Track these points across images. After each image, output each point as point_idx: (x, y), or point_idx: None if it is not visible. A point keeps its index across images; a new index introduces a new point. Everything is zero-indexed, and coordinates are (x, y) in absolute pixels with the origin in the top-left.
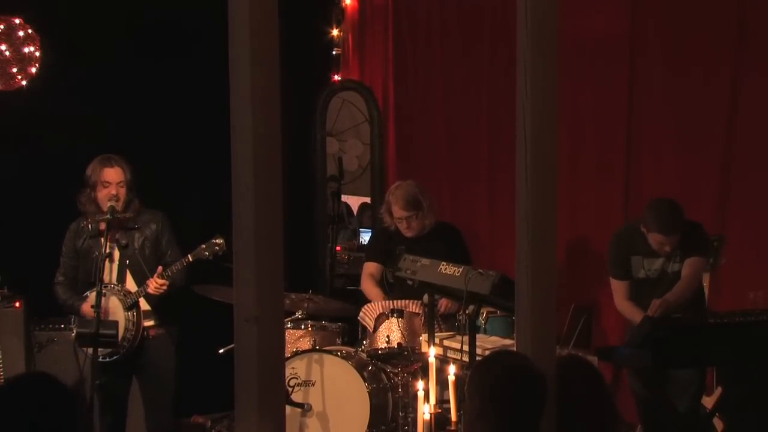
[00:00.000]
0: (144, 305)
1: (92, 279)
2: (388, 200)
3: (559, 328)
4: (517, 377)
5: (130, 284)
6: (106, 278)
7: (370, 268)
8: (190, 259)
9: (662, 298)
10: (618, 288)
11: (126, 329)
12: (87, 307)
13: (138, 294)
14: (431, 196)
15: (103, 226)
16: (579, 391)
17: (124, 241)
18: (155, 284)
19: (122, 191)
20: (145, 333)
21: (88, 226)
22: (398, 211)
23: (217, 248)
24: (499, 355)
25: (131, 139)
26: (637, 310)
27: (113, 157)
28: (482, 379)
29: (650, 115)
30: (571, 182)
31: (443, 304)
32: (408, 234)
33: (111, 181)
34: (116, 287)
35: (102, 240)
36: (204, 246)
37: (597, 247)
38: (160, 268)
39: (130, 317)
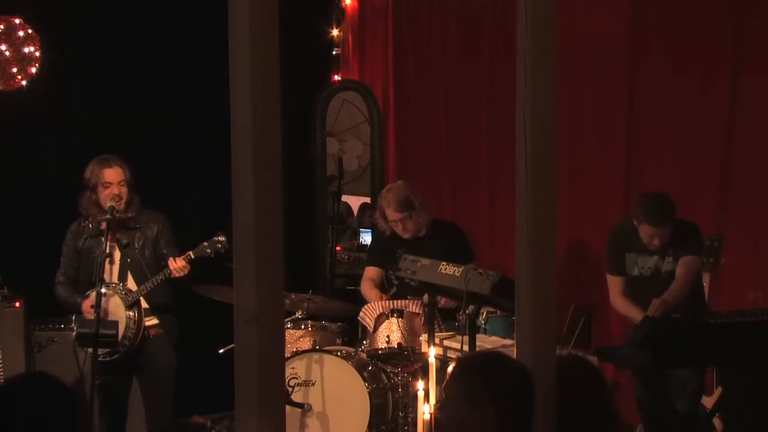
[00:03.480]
0: (144, 304)
1: (93, 278)
2: (381, 204)
3: (559, 328)
4: (527, 380)
5: (131, 283)
6: (107, 277)
7: (370, 272)
8: (192, 256)
9: (661, 298)
10: (613, 283)
11: (127, 327)
12: (87, 305)
13: (139, 293)
14: (423, 194)
15: (103, 225)
16: (579, 391)
17: (125, 241)
18: (179, 264)
19: (124, 190)
20: (146, 332)
21: (89, 226)
22: (392, 214)
23: (219, 245)
24: (496, 358)
25: (131, 138)
26: (631, 306)
27: (111, 157)
28: (497, 387)
29: (650, 115)
30: (571, 182)
31: (441, 299)
32: (405, 235)
33: (112, 182)
34: (118, 286)
35: (102, 239)
36: (206, 243)
37: (597, 247)
38: (190, 252)
39: (131, 316)
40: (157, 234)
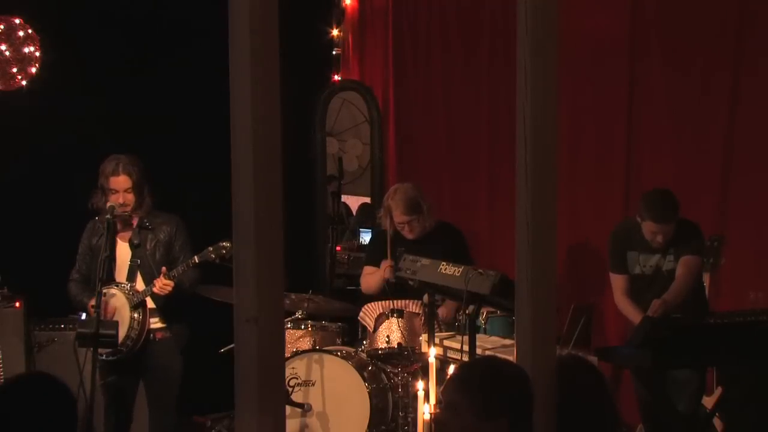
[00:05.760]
0: (150, 304)
1: (104, 277)
2: (388, 205)
3: (559, 328)
4: (530, 385)
5: (140, 284)
6: (116, 277)
7: (369, 271)
8: (196, 261)
9: (661, 298)
10: (616, 282)
11: (130, 328)
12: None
13: (144, 293)
14: (430, 196)
15: (97, 225)
16: (579, 391)
17: (136, 241)
18: (160, 284)
19: (129, 197)
20: (152, 335)
21: (101, 225)
22: (399, 216)
23: (224, 251)
24: (502, 367)
25: (131, 138)
26: (633, 307)
27: (121, 161)
28: (510, 398)
29: (650, 115)
30: (571, 182)
31: (441, 312)
32: (410, 236)
33: (118, 189)
34: (125, 286)
35: (105, 239)
36: (211, 248)
37: (597, 247)
38: (164, 268)
39: (136, 316)
40: (170, 237)
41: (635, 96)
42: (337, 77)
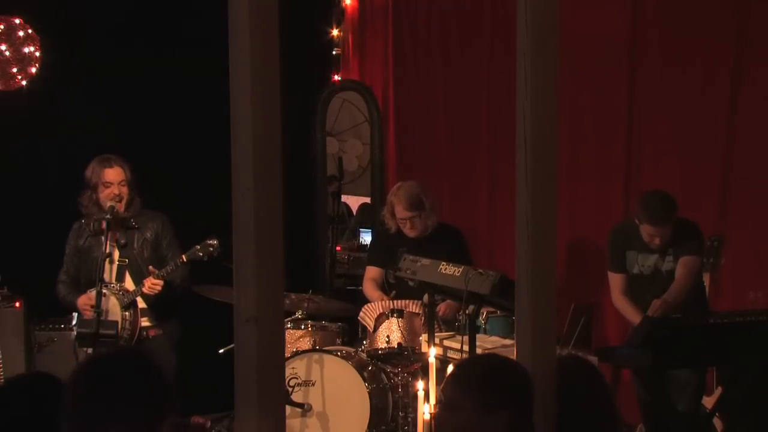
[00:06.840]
0: (141, 303)
1: (93, 278)
2: (391, 201)
3: (559, 328)
4: (531, 381)
5: (129, 284)
6: (105, 277)
7: (371, 272)
8: (184, 260)
9: (661, 298)
10: (614, 281)
11: (122, 328)
12: (83, 301)
13: (135, 293)
14: (433, 195)
15: (104, 225)
16: (579, 391)
17: (123, 241)
18: (149, 283)
19: (124, 190)
20: (144, 333)
21: (90, 225)
22: (401, 212)
23: (211, 249)
24: (504, 363)
25: (131, 138)
26: (629, 307)
27: (112, 157)
28: (511, 393)
29: (650, 115)
30: (571, 182)
31: (441, 308)
32: (411, 234)
33: (112, 181)
34: (115, 286)
35: (102, 239)
36: (198, 247)
37: (597, 247)
38: (151, 268)
39: (127, 316)
40: (157, 235)
41: (635, 96)
42: (337, 77)
